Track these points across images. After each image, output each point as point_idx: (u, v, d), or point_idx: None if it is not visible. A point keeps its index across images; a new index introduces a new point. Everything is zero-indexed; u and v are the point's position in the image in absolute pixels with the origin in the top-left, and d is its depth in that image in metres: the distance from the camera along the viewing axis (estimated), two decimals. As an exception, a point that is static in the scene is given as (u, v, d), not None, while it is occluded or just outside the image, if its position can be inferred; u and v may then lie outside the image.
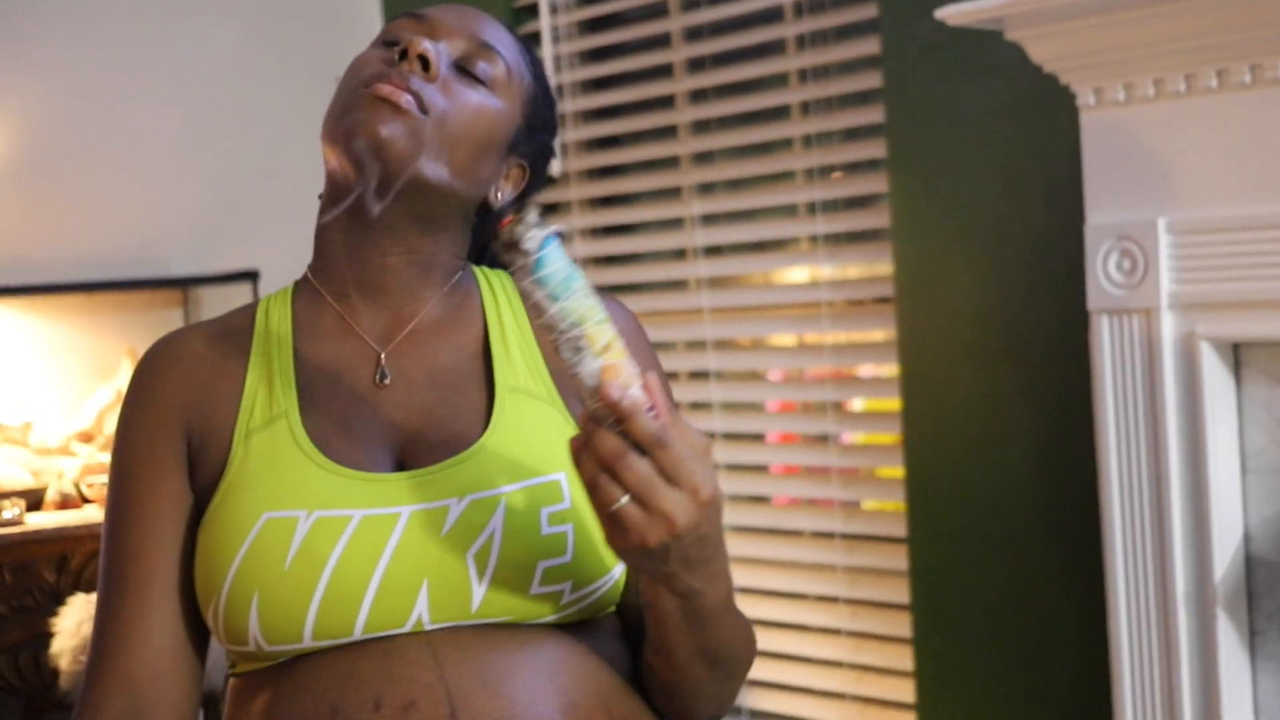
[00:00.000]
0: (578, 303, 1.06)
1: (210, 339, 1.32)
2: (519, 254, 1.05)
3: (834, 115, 2.85)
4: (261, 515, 1.19)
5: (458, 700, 1.14)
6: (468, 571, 1.17)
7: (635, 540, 1.05)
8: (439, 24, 1.30)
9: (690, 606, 1.14)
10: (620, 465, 1.03)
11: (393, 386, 1.27)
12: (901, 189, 2.68)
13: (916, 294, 2.67)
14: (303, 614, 1.16)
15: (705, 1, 3.09)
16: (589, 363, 1.05)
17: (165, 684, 1.25)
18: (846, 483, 2.88)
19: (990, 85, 2.52)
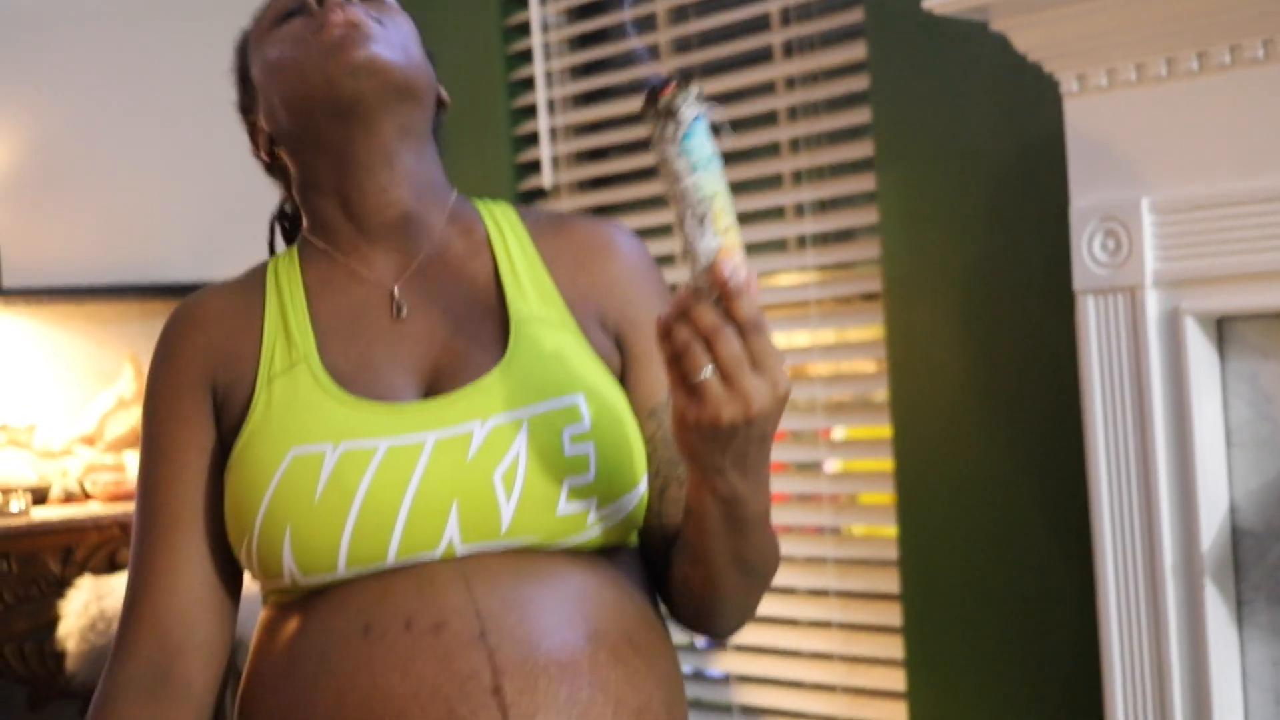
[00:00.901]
0: (714, 180, 1.08)
1: (228, 297, 1.36)
2: (672, 121, 1.07)
3: (821, 118, 2.92)
4: (289, 451, 1.22)
5: (487, 621, 1.17)
6: (495, 492, 1.20)
7: (709, 414, 1.08)
8: None
9: (732, 513, 1.18)
10: (717, 338, 1.06)
11: (409, 321, 1.30)
12: (889, 187, 2.74)
13: (905, 289, 2.73)
14: (336, 543, 1.19)
15: (693, 13, 3.16)
16: (709, 238, 1.07)
17: (194, 626, 1.28)
18: (836, 479, 2.94)
19: (974, 81, 2.59)
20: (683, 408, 1.09)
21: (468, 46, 3.50)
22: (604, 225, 1.39)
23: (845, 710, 2.91)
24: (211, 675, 1.28)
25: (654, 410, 1.32)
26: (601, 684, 1.18)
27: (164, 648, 1.26)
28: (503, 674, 1.15)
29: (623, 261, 1.36)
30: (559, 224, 1.38)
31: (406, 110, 1.31)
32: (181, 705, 1.26)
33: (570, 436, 1.22)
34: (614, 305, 1.34)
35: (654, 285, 1.37)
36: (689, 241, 1.08)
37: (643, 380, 1.33)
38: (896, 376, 2.75)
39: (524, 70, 3.46)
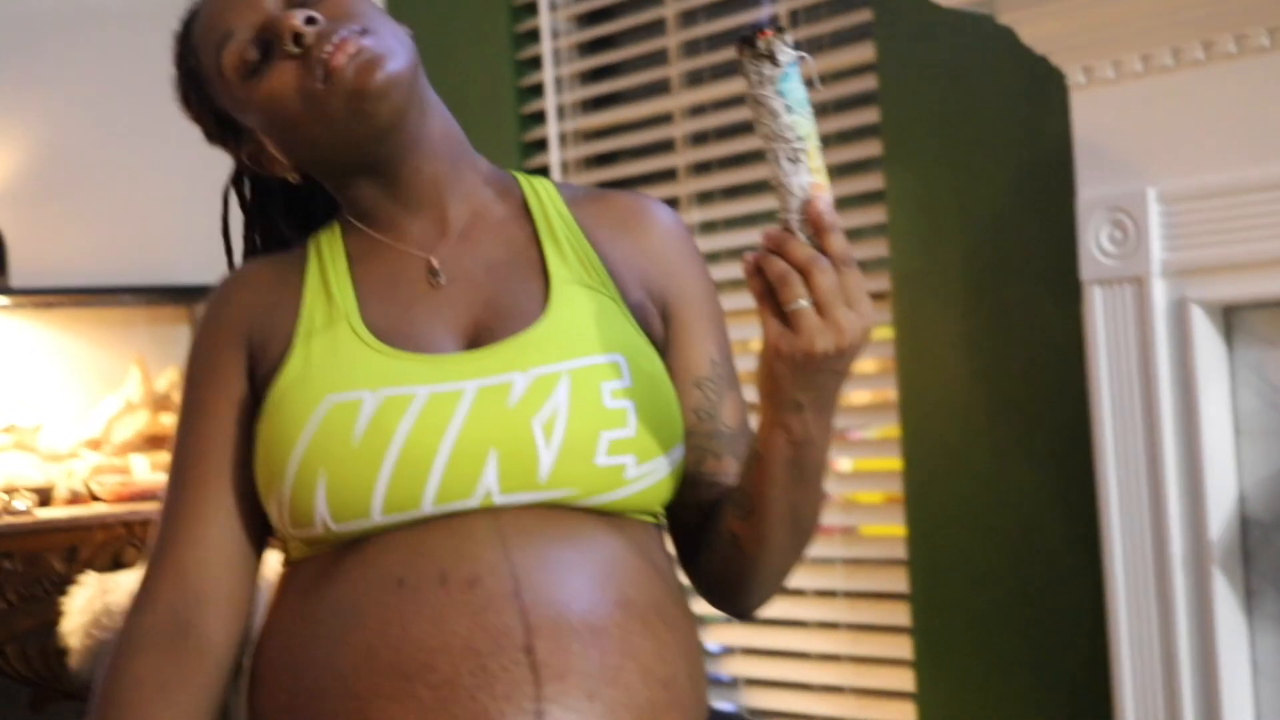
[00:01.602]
0: (807, 122, 1.13)
1: (271, 265, 1.38)
2: (769, 63, 1.12)
3: (830, 118, 2.92)
4: (324, 398, 1.21)
5: (522, 579, 1.17)
6: (534, 440, 1.19)
7: (804, 343, 1.11)
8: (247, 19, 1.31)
9: (800, 457, 1.20)
10: (813, 269, 1.10)
11: (451, 283, 1.30)
12: (897, 186, 2.74)
13: (913, 287, 2.73)
14: (371, 488, 1.18)
15: (702, 16, 3.17)
16: (802, 175, 1.12)
17: (217, 577, 1.27)
18: (845, 478, 2.93)
19: (981, 78, 2.60)
20: (776, 337, 1.12)
21: (477, 52, 3.51)
22: (641, 197, 1.41)
23: (854, 711, 2.90)
24: (231, 631, 1.28)
25: (698, 381, 1.34)
26: (632, 652, 1.17)
27: (186, 598, 1.26)
28: (535, 633, 1.14)
29: (663, 230, 1.38)
30: (595, 195, 1.40)
31: (418, 91, 1.32)
32: (200, 659, 1.25)
33: (610, 391, 1.23)
34: (657, 273, 1.35)
35: (693, 255, 1.39)
36: (782, 179, 1.12)
37: (687, 349, 1.34)
38: (905, 375, 2.74)
39: (533, 76, 3.47)
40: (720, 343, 1.37)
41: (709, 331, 1.36)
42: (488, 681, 1.12)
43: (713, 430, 1.33)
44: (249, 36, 1.29)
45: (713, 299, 1.38)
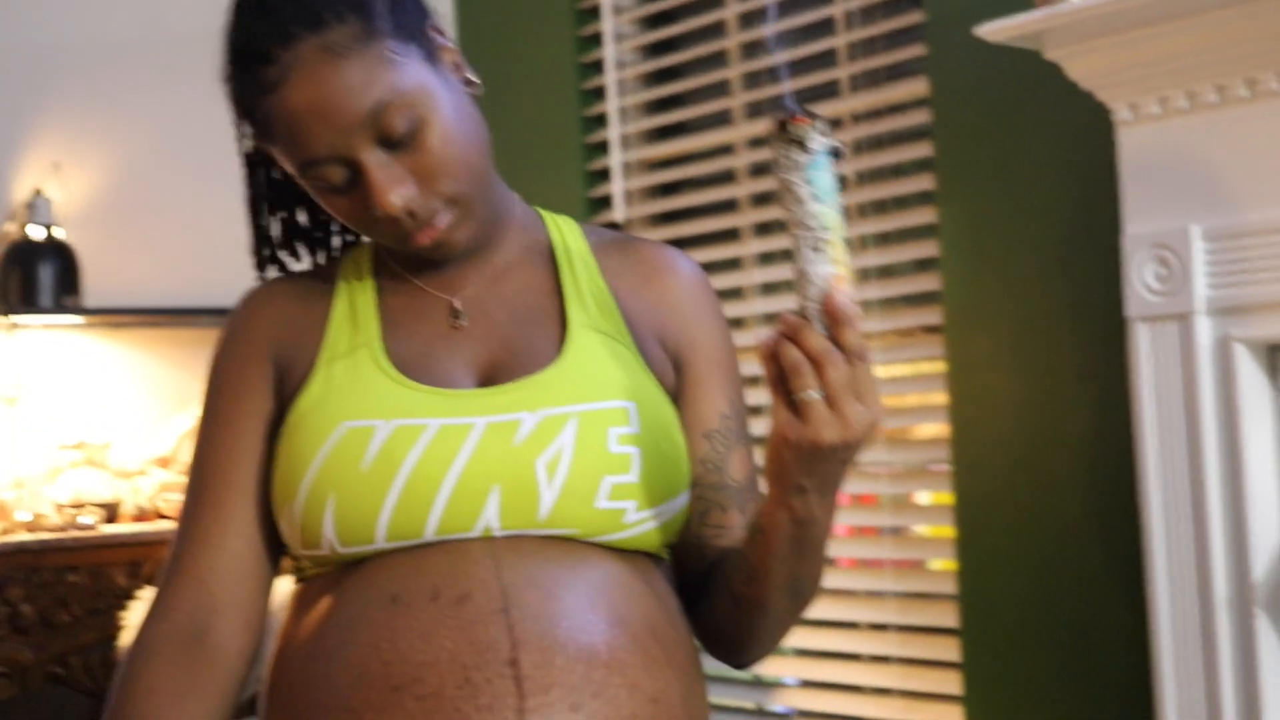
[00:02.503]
0: (833, 212, 1.12)
1: (297, 284, 1.40)
2: (799, 149, 1.11)
3: (884, 151, 2.94)
4: (340, 424, 1.24)
5: (511, 596, 1.19)
6: (537, 479, 1.22)
7: (811, 434, 1.12)
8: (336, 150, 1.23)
9: (802, 534, 1.22)
10: (826, 361, 1.11)
11: (471, 324, 1.33)
12: (951, 220, 2.75)
13: (965, 321, 2.73)
14: (376, 514, 1.21)
15: (760, 52, 3.20)
16: (824, 265, 1.11)
17: (235, 588, 1.29)
18: (896, 509, 2.93)
19: (1032, 113, 2.60)
20: (784, 425, 1.14)
21: (542, 82, 3.57)
22: (665, 248, 1.43)
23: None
24: (245, 642, 1.30)
25: (708, 433, 1.36)
26: (619, 667, 1.19)
27: (203, 606, 1.28)
28: (520, 647, 1.17)
29: (683, 284, 1.39)
30: (622, 243, 1.42)
31: (485, 225, 1.34)
32: (214, 668, 1.27)
33: (617, 436, 1.25)
34: (674, 325, 1.37)
35: (712, 309, 1.40)
36: (803, 267, 1.12)
37: (698, 401, 1.36)
38: (956, 409, 2.75)
39: (598, 106, 3.52)
40: (732, 397, 1.39)
41: (721, 385, 1.38)
42: (472, 693, 1.15)
43: (719, 483, 1.35)
44: (333, 159, 1.24)
45: (728, 354, 1.40)
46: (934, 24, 2.76)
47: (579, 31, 3.54)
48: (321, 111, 1.21)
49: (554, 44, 3.56)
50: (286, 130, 1.23)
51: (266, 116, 1.24)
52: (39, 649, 2.69)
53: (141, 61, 3.36)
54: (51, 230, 3.10)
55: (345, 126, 1.21)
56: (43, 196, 3.12)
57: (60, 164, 3.22)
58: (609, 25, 3.48)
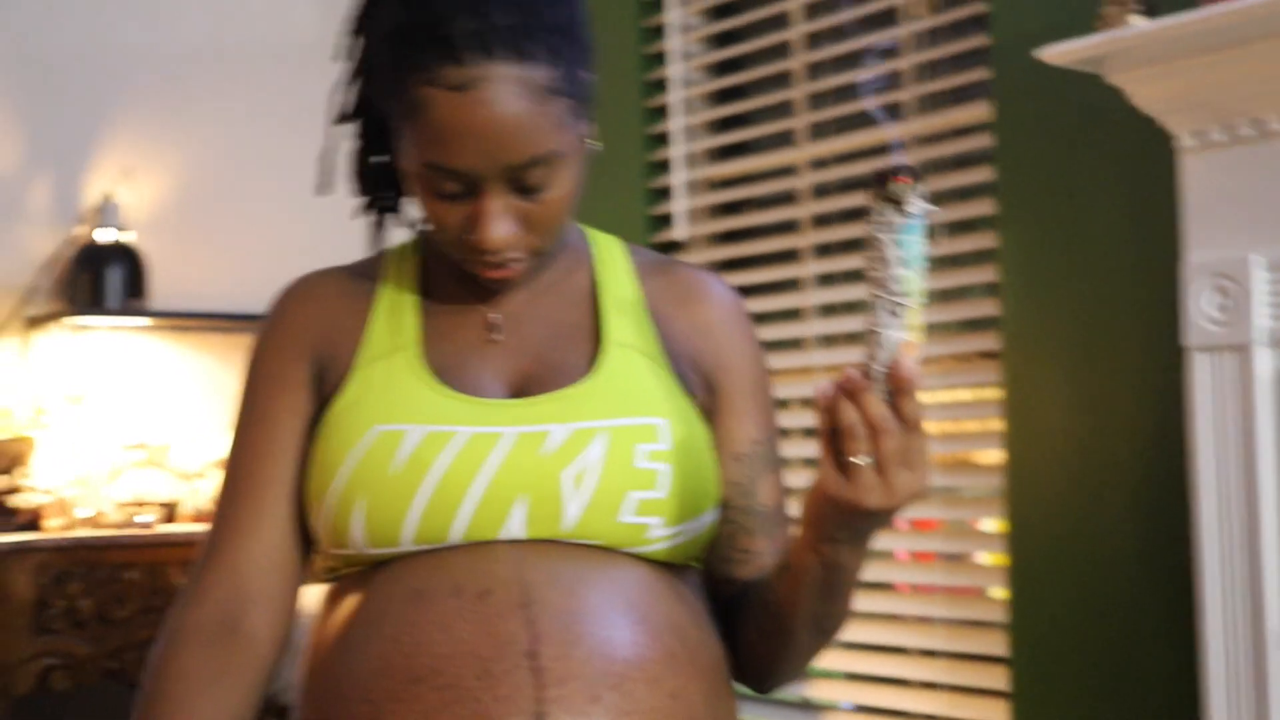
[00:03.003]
0: (917, 279, 1.11)
1: (342, 279, 1.41)
2: (895, 210, 1.10)
3: (946, 175, 2.93)
4: (372, 427, 1.26)
5: (532, 592, 1.20)
6: (562, 490, 1.23)
7: (854, 495, 1.13)
8: (472, 177, 1.23)
9: (831, 578, 1.23)
10: (882, 429, 1.11)
11: (506, 336, 1.34)
12: (1010, 245, 2.74)
13: (1023, 347, 2.72)
14: (404, 518, 1.23)
15: (826, 69, 3.21)
16: (896, 330, 1.11)
17: (268, 579, 1.31)
18: (950, 536, 2.92)
19: (1094, 139, 2.59)
20: (829, 482, 1.14)
21: (607, 99, 3.58)
22: (704, 273, 1.44)
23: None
24: (277, 632, 1.31)
25: (739, 455, 1.36)
26: (639, 662, 1.20)
27: (237, 595, 1.29)
28: (539, 640, 1.18)
29: (719, 309, 1.40)
30: (662, 264, 1.43)
31: None
32: (246, 656, 1.28)
33: (645, 452, 1.26)
34: (708, 349, 1.38)
35: (748, 335, 1.41)
36: (876, 327, 1.12)
37: (730, 424, 1.37)
38: (1012, 436, 2.73)
39: (661, 124, 3.53)
40: (764, 423, 1.39)
41: (753, 410, 1.38)
42: (490, 684, 1.16)
43: (748, 507, 1.36)
44: (464, 175, 1.23)
45: (762, 380, 1.41)
46: (999, 48, 2.76)
47: (644, 49, 3.56)
48: (483, 136, 1.20)
49: (619, 61, 3.58)
50: (436, 130, 1.21)
51: (422, 104, 1.20)
52: (96, 643, 2.73)
53: (212, 70, 3.42)
54: (120, 234, 3.15)
55: (496, 160, 1.21)
56: (112, 201, 3.18)
57: (131, 169, 3.27)
58: (675, 43, 3.50)
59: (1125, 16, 2.19)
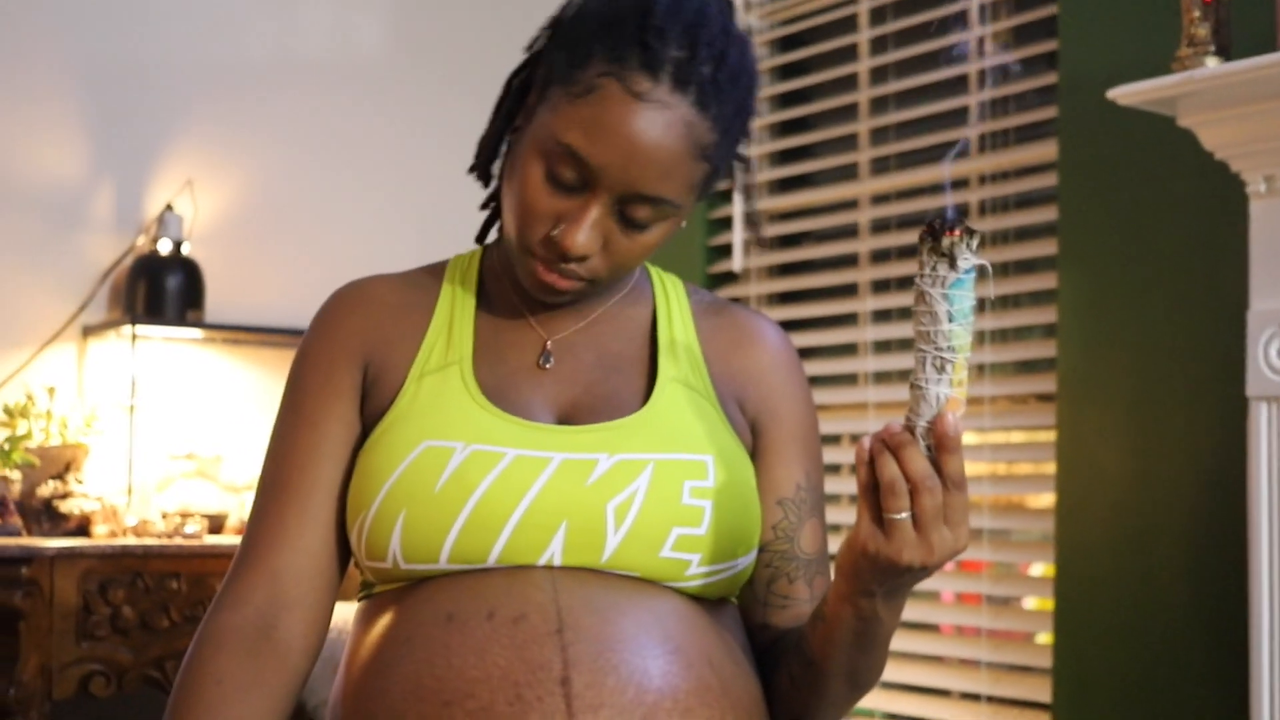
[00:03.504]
0: (965, 334, 1.10)
1: (399, 288, 1.39)
2: (946, 263, 1.09)
3: (1010, 214, 2.91)
4: (422, 442, 1.25)
5: (566, 618, 1.19)
6: (605, 520, 1.22)
7: (891, 551, 1.12)
8: (595, 174, 1.23)
9: (866, 631, 1.21)
10: (923, 486, 1.10)
11: (559, 364, 1.34)
12: (1070, 286, 2.71)
13: (1078, 390, 2.68)
14: (443, 535, 1.22)
15: (892, 104, 3.19)
16: (943, 386, 1.10)
17: (307, 586, 1.29)
18: (997, 579, 2.88)
19: (1161, 181, 2.55)
20: (867, 536, 1.13)
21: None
22: (758, 316, 1.43)
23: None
24: (312, 640, 1.30)
25: (781, 501, 1.35)
26: (671, 692, 1.18)
27: (274, 600, 1.28)
28: (572, 667, 1.17)
29: (772, 353, 1.40)
30: (719, 306, 1.43)
31: None
32: (281, 663, 1.27)
33: (691, 489, 1.25)
34: (757, 393, 1.37)
35: (797, 382, 1.41)
36: (922, 382, 1.10)
37: (774, 469, 1.36)
38: (1064, 479, 2.69)
39: (723, 154, 3.52)
40: (809, 469, 1.38)
41: (798, 455, 1.37)
42: (522, 710, 1.15)
43: (789, 552, 1.34)
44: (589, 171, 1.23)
45: (809, 428, 1.40)
46: (1067, 86, 2.73)
47: (709, 79, 3.55)
48: (629, 148, 1.21)
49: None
50: (593, 117, 1.21)
51: (596, 89, 1.21)
52: (137, 651, 2.73)
53: (277, 86, 3.44)
54: (180, 245, 3.17)
55: (626, 175, 1.22)
56: (173, 212, 3.19)
57: (193, 180, 3.29)
58: (739, 74, 3.49)
59: (1200, 59, 2.16)
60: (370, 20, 3.60)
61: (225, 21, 3.39)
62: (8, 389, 3.05)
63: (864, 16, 3.27)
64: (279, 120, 3.44)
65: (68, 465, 2.87)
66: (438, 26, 3.67)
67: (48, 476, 2.85)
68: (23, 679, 2.58)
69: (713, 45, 1.23)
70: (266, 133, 3.42)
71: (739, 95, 1.26)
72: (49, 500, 2.81)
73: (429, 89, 3.63)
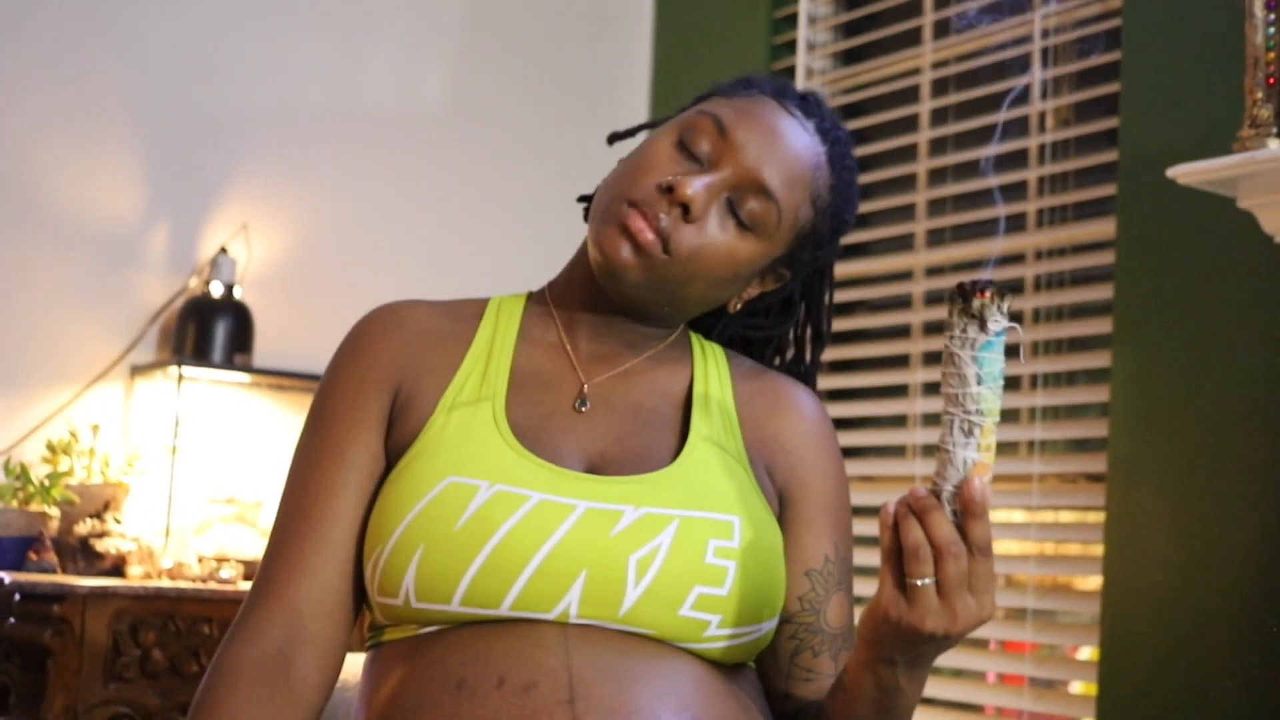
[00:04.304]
0: (994, 397, 1.08)
1: (436, 315, 1.37)
2: (975, 326, 1.07)
3: (1065, 290, 2.86)
4: (446, 478, 1.22)
5: (578, 687, 1.15)
6: (626, 573, 1.19)
7: (914, 619, 1.09)
8: (730, 148, 1.29)
9: (887, 702, 1.17)
10: (948, 553, 1.07)
11: (592, 412, 1.31)
12: (1124, 365, 2.66)
13: (1129, 471, 2.62)
14: (459, 576, 1.18)
15: (951, 176, 3.16)
16: (970, 450, 1.08)
17: (325, 621, 1.26)
18: (1040, 662, 2.81)
19: (1220, 263, 2.51)
20: (889, 603, 1.10)
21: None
22: (794, 385, 1.41)
23: None
24: (327, 676, 1.26)
25: (810, 572, 1.32)
26: None
27: (292, 635, 1.24)
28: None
29: (806, 423, 1.37)
30: (759, 372, 1.41)
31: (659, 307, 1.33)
32: (296, 699, 1.23)
33: (715, 548, 1.22)
34: (786, 462, 1.35)
35: (829, 452, 1.38)
36: (948, 447, 1.08)
37: (802, 539, 1.33)
38: (1111, 563, 2.63)
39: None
40: (839, 542, 1.34)
41: (827, 527, 1.34)
42: None
43: (814, 625, 1.31)
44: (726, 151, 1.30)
45: (840, 500, 1.36)
46: (1127, 164, 2.69)
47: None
48: (771, 140, 1.31)
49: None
50: (745, 109, 1.33)
51: (753, 96, 1.36)
52: (165, 695, 2.71)
53: (334, 133, 3.46)
54: (231, 289, 3.18)
55: (757, 156, 1.30)
56: (227, 255, 3.21)
57: (248, 225, 3.31)
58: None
59: (1262, 140, 2.12)
60: (432, 73, 3.62)
61: (288, 69, 3.42)
62: (54, 425, 3.06)
63: (926, 88, 3.25)
64: (337, 169, 3.45)
65: (107, 504, 2.87)
66: (499, 81, 3.68)
67: (86, 514, 2.84)
68: (48, 719, 2.57)
69: (847, 145, 1.39)
70: (324, 180, 3.44)
71: (848, 197, 1.38)
72: (85, 539, 2.80)
73: (488, 144, 3.64)
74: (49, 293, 3.11)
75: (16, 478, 2.85)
